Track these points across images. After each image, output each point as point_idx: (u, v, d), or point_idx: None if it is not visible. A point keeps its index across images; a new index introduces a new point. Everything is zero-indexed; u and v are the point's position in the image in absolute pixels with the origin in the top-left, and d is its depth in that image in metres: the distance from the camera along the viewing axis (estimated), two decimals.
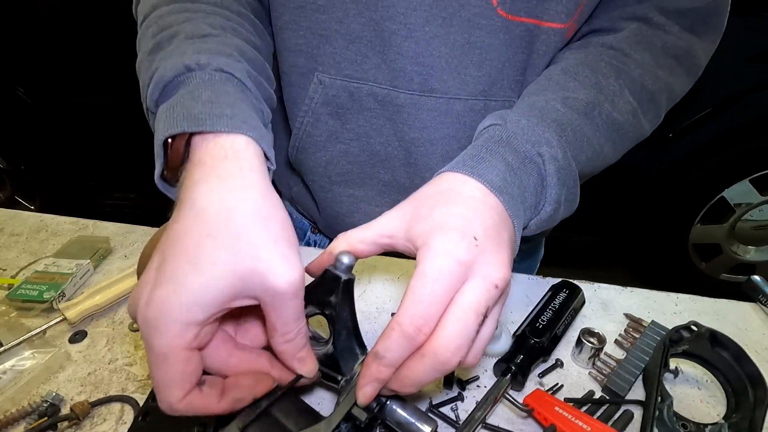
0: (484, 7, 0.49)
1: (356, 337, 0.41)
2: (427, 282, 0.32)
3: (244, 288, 0.32)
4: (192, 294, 0.30)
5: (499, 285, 0.33)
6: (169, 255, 0.32)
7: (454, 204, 0.35)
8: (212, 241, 0.31)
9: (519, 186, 0.39)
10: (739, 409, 0.44)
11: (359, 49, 0.53)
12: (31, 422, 0.44)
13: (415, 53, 0.52)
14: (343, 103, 0.57)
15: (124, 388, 0.48)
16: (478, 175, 0.37)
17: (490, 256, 0.33)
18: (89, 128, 1.95)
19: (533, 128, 0.42)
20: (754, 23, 1.38)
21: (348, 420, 0.37)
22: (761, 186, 1.63)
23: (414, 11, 0.49)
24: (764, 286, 0.57)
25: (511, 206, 0.37)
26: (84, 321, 0.56)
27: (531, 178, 0.40)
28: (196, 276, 0.30)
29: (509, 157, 0.40)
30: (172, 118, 0.35)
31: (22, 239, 0.71)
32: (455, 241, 0.33)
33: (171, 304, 0.30)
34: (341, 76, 0.55)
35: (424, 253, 0.33)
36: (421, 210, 0.36)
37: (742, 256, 1.77)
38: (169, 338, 0.30)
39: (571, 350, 0.52)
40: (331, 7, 0.51)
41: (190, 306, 0.30)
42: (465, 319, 0.32)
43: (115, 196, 2.16)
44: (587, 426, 0.41)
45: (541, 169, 0.41)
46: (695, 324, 0.48)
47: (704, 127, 1.54)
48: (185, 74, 0.38)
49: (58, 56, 1.76)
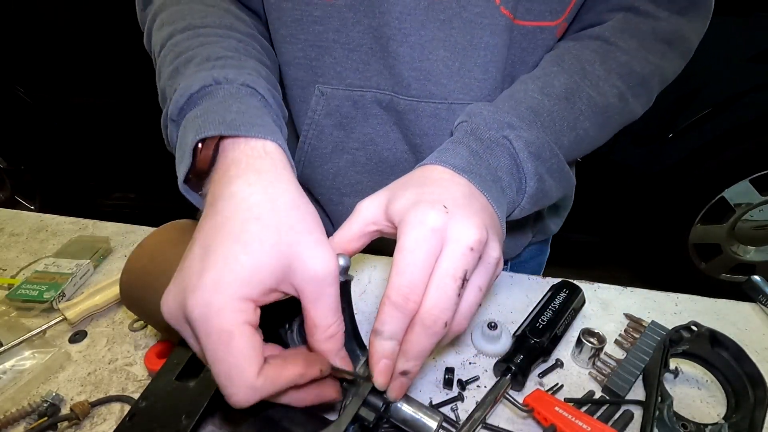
0: (486, 6, 0.48)
1: (356, 338, 0.41)
2: (406, 253, 0.34)
3: (287, 273, 0.32)
4: (245, 270, 0.30)
5: (474, 247, 0.34)
6: (213, 241, 0.32)
7: (424, 185, 0.39)
8: (258, 223, 0.32)
9: (487, 167, 0.42)
10: (739, 409, 0.44)
11: (360, 56, 0.53)
12: (31, 422, 0.44)
13: (411, 58, 0.51)
14: (346, 112, 0.57)
15: (124, 388, 0.48)
16: (443, 161, 0.41)
17: (461, 220, 0.35)
18: (89, 128, 1.95)
19: (495, 116, 0.45)
20: (754, 23, 1.38)
21: (355, 421, 0.37)
22: (761, 186, 1.62)
23: (409, 15, 0.49)
24: (764, 286, 0.57)
25: (481, 184, 0.40)
26: (84, 321, 0.56)
27: (501, 159, 0.43)
28: (247, 254, 0.31)
29: (473, 144, 0.43)
30: (206, 123, 0.36)
31: (22, 239, 0.71)
32: (426, 211, 0.35)
33: (226, 282, 0.30)
34: (343, 86, 0.55)
35: (401, 229, 0.35)
36: (396, 193, 0.38)
37: (742, 256, 1.77)
38: (230, 315, 0.30)
39: (571, 350, 0.52)
40: (327, 17, 0.51)
41: (245, 281, 0.30)
42: (444, 284, 0.33)
43: (115, 196, 2.16)
44: (587, 426, 0.41)
45: (510, 149, 0.44)
46: (695, 324, 0.48)
47: (704, 127, 1.54)
48: (213, 86, 0.39)
49: (58, 56, 1.76)
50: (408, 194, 0.37)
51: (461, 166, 0.40)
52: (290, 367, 0.33)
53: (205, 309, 0.30)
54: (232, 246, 0.31)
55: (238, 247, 0.31)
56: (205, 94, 0.39)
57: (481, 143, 0.43)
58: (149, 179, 2.07)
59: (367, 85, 0.55)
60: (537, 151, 0.44)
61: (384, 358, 0.35)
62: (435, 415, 0.38)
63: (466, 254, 0.34)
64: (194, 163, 0.37)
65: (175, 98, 0.40)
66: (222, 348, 0.30)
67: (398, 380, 0.36)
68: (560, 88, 0.48)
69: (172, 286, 0.32)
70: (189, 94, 0.39)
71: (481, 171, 0.41)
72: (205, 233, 0.33)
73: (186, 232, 0.47)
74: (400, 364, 0.35)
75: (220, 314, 0.29)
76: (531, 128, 0.45)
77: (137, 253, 0.47)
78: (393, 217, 0.37)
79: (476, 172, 0.40)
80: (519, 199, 0.45)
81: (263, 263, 0.31)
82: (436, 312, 0.33)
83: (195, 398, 0.39)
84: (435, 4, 0.48)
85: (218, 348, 0.30)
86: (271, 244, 0.31)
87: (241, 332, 0.30)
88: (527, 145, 0.44)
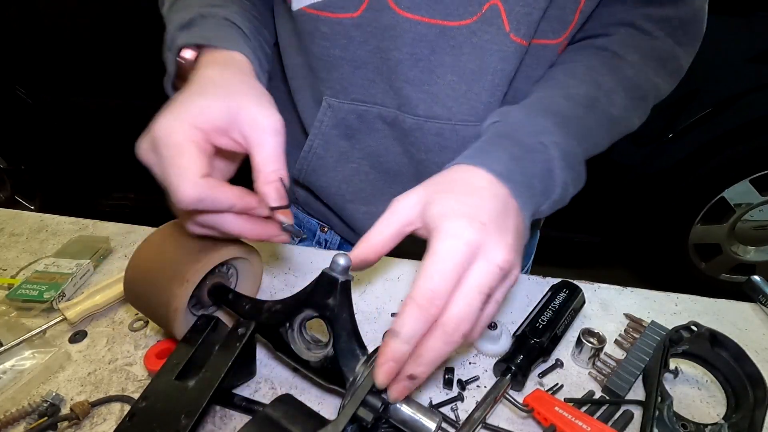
0: (496, 33, 0.49)
1: (356, 338, 0.41)
2: (438, 260, 0.35)
3: (235, 122, 0.39)
4: (198, 107, 0.39)
5: (503, 267, 0.36)
6: (177, 97, 0.40)
7: (463, 193, 0.39)
8: (213, 84, 0.41)
9: (523, 174, 0.42)
10: (739, 409, 0.44)
11: (366, 74, 0.54)
12: (31, 422, 0.44)
13: (420, 81, 0.52)
14: (352, 124, 0.58)
15: (124, 388, 0.48)
16: (485, 165, 0.41)
17: (495, 240, 0.36)
18: (89, 128, 1.95)
19: (532, 120, 0.45)
20: (754, 23, 1.38)
21: (353, 421, 0.37)
22: (761, 186, 1.63)
23: (420, 42, 0.49)
24: (764, 286, 0.57)
25: (517, 193, 0.40)
26: (84, 321, 0.56)
27: (536, 166, 0.43)
28: (201, 98, 0.39)
29: (513, 149, 0.43)
30: (189, 37, 0.46)
31: (22, 239, 0.71)
32: (464, 225, 0.36)
33: (182, 113, 0.38)
34: (349, 100, 0.56)
35: (436, 236, 0.36)
36: (435, 196, 0.39)
37: (742, 256, 1.77)
38: (182, 134, 0.37)
39: (571, 350, 0.52)
40: (335, 35, 0.52)
41: (196, 114, 0.38)
42: (471, 297, 0.35)
43: (115, 196, 2.16)
44: (587, 426, 0.41)
45: (546, 157, 0.44)
46: (695, 324, 0.48)
47: (704, 127, 1.54)
48: (200, 18, 0.48)
49: (58, 56, 1.76)
50: (448, 201, 0.38)
51: (502, 173, 0.40)
52: (230, 188, 0.39)
53: (166, 130, 0.37)
54: (191, 95, 0.40)
55: (195, 96, 0.40)
56: (193, 23, 0.48)
57: (519, 148, 0.43)
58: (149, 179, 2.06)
59: (372, 101, 0.56)
60: (570, 161, 0.45)
61: (393, 360, 0.35)
62: (434, 416, 0.38)
63: (495, 272, 0.35)
64: (179, 70, 0.46)
65: (170, 29, 0.48)
66: (174, 155, 0.37)
67: (403, 383, 0.37)
68: (582, 98, 0.49)
69: (146, 131, 0.39)
70: (180, 24, 0.48)
71: (517, 177, 0.41)
72: (173, 98, 0.40)
73: (178, 235, 0.47)
74: (410, 368, 0.36)
75: (175, 132, 0.37)
76: (565, 136, 0.45)
77: (141, 249, 0.47)
78: (429, 221, 0.38)
79: (514, 180, 0.41)
80: (542, 203, 0.45)
81: (213, 105, 0.39)
82: (458, 321, 0.34)
83: (194, 398, 0.39)
84: (447, 30, 0.49)
85: (172, 155, 0.37)
86: (221, 96, 0.39)
87: (189, 146, 0.37)
88: (564, 155, 0.44)
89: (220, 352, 0.43)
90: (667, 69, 0.55)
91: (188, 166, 0.36)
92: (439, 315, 0.35)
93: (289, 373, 0.49)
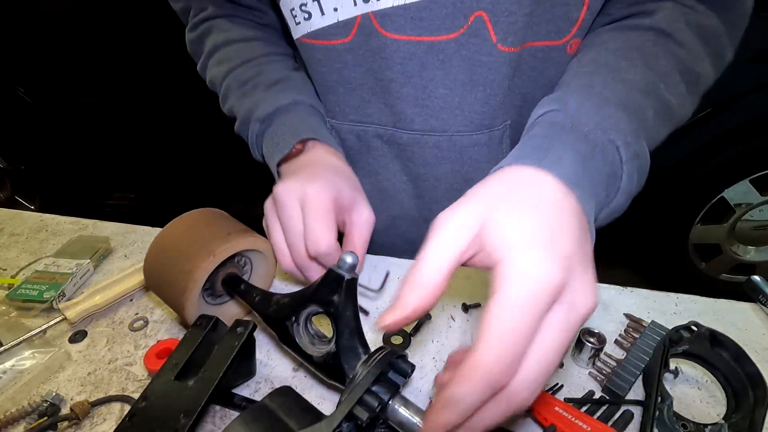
0: (483, 45, 0.48)
1: (359, 336, 0.41)
2: (511, 311, 0.26)
3: (350, 207, 0.49)
4: (335, 186, 0.48)
5: (588, 315, 0.28)
6: (297, 168, 0.52)
7: (532, 209, 0.29)
8: (335, 170, 0.51)
9: (590, 180, 0.33)
10: (739, 409, 0.44)
11: (361, 96, 0.56)
12: (31, 422, 0.44)
13: (414, 97, 0.53)
14: (351, 144, 0.60)
15: (124, 388, 0.48)
16: (549, 167, 0.31)
17: (579, 279, 0.28)
18: (89, 128, 1.95)
19: (600, 111, 0.36)
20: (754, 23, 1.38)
21: (350, 419, 0.37)
22: (761, 186, 1.62)
23: (410, 60, 0.50)
24: (764, 286, 0.57)
25: (585, 202, 0.32)
26: (84, 321, 0.56)
27: (603, 169, 0.35)
28: (327, 174, 0.49)
29: (579, 145, 0.34)
30: (300, 129, 0.54)
31: (22, 239, 0.71)
32: (542, 259, 0.27)
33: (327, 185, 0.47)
34: (347, 121, 0.59)
35: (504, 273, 0.27)
36: (494, 214, 0.30)
37: (742, 256, 1.77)
38: (328, 201, 0.46)
39: (571, 350, 0.52)
40: (329, 60, 0.54)
41: (335, 191, 0.47)
42: (547, 362, 0.27)
43: (115, 196, 2.16)
44: (587, 426, 0.41)
45: (616, 160, 0.35)
46: (695, 324, 0.48)
47: (704, 127, 1.54)
48: (292, 105, 0.56)
49: (58, 56, 1.76)
50: (514, 222, 0.29)
51: (571, 178, 0.31)
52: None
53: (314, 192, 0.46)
54: (313, 172, 0.49)
55: (319, 172, 0.49)
56: (286, 110, 0.55)
57: (587, 144, 0.34)
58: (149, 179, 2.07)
59: (368, 121, 0.58)
60: (640, 166, 0.37)
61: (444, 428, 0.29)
62: None
63: (578, 322, 0.28)
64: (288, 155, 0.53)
65: (263, 108, 0.55)
66: (319, 216, 0.45)
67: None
68: (640, 83, 0.40)
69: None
70: (276, 107, 0.55)
71: (585, 184, 0.33)
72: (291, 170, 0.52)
73: (210, 219, 0.51)
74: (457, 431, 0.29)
75: (321, 195, 0.46)
76: (636, 135, 0.37)
77: (173, 225, 0.50)
78: (492, 249, 0.29)
79: (583, 186, 0.32)
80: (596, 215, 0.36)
81: (331, 183, 0.47)
82: (529, 392, 0.27)
83: (193, 397, 0.39)
84: (435, 45, 0.49)
85: (318, 215, 0.45)
86: (343, 181, 0.49)
87: (325, 204, 0.46)
88: (634, 158, 0.36)
89: (219, 351, 0.43)
90: (710, 48, 0.47)
91: (321, 223, 0.44)
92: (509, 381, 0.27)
93: (289, 373, 0.49)
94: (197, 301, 0.48)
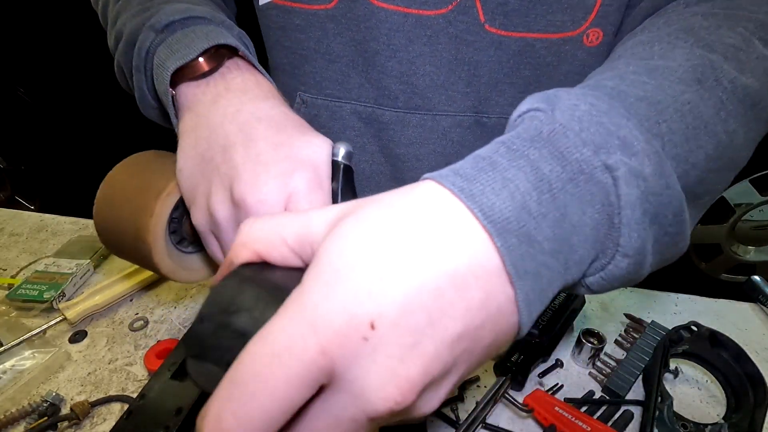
0: (471, 23, 0.48)
1: None
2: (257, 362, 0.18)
3: None
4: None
5: (378, 417, 0.18)
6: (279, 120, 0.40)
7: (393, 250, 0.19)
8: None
9: (552, 225, 0.21)
10: (739, 409, 0.44)
11: (340, 68, 0.53)
12: (31, 422, 0.44)
13: (400, 72, 0.51)
14: (325, 122, 0.57)
15: (124, 388, 0.48)
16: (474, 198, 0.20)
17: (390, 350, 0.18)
18: (89, 128, 1.95)
19: (599, 118, 0.23)
20: None
21: None
22: (761, 186, 1.62)
23: (397, 32, 0.49)
24: (764, 286, 0.57)
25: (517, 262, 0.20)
26: (84, 321, 0.56)
27: (587, 208, 0.22)
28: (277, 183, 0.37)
29: (546, 165, 0.21)
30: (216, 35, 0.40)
31: (22, 239, 0.71)
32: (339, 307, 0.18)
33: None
34: (323, 96, 0.55)
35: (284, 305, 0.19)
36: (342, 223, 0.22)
37: (742, 256, 1.77)
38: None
39: (571, 350, 0.52)
40: (309, 27, 0.51)
41: None
42: None
43: None
44: (587, 426, 0.41)
45: (610, 194, 0.22)
46: (695, 324, 0.48)
47: None
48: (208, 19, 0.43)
49: (58, 56, 1.76)
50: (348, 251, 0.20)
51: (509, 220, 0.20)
52: None
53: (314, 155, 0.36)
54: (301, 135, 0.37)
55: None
56: (198, 20, 0.42)
57: (561, 164, 0.21)
58: None
59: (347, 97, 0.55)
60: (657, 209, 0.23)
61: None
62: None
63: (355, 425, 0.19)
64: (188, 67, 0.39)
65: (162, 15, 0.41)
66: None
67: None
68: (684, 67, 0.28)
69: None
70: (186, 15, 0.41)
71: (539, 231, 0.20)
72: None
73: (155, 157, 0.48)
74: None
75: None
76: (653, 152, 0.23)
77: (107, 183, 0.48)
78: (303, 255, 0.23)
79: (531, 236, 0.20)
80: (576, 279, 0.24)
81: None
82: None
83: (187, 395, 0.40)
84: (422, 19, 0.48)
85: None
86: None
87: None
88: (645, 197, 0.22)
89: None
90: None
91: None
92: None
93: None
94: (164, 242, 0.42)
